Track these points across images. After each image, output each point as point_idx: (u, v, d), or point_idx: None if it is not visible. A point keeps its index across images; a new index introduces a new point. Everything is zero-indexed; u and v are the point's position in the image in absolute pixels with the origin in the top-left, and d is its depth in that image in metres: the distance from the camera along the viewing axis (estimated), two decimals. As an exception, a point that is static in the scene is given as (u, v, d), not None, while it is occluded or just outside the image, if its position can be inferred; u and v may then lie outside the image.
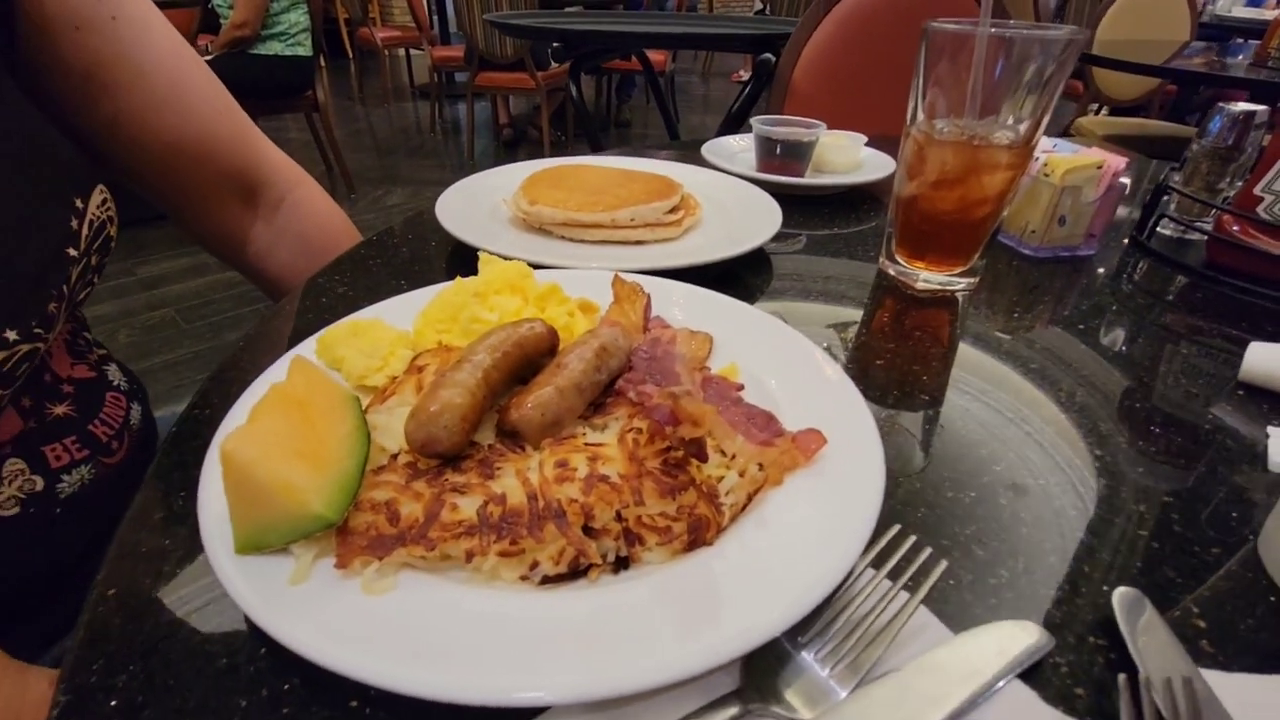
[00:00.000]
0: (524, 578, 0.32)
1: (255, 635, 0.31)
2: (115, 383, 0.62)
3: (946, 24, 0.58)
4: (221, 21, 3.31)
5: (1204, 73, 2.02)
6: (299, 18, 3.43)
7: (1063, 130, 3.63)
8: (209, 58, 3.27)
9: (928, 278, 0.68)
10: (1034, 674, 0.30)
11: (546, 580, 0.32)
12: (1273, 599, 0.35)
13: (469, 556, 0.31)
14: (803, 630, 0.31)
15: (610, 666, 0.27)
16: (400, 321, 0.50)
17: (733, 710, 0.27)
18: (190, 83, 0.66)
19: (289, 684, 0.29)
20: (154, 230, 3.22)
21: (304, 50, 3.50)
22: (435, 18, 7.61)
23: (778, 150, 0.94)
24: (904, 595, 0.31)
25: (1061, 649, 0.31)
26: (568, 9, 5.06)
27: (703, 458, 0.35)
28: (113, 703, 0.28)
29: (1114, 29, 3.55)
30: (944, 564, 0.32)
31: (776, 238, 0.73)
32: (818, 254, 0.78)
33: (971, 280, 0.68)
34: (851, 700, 0.28)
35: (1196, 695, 0.28)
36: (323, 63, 3.82)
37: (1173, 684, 0.28)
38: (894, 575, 0.32)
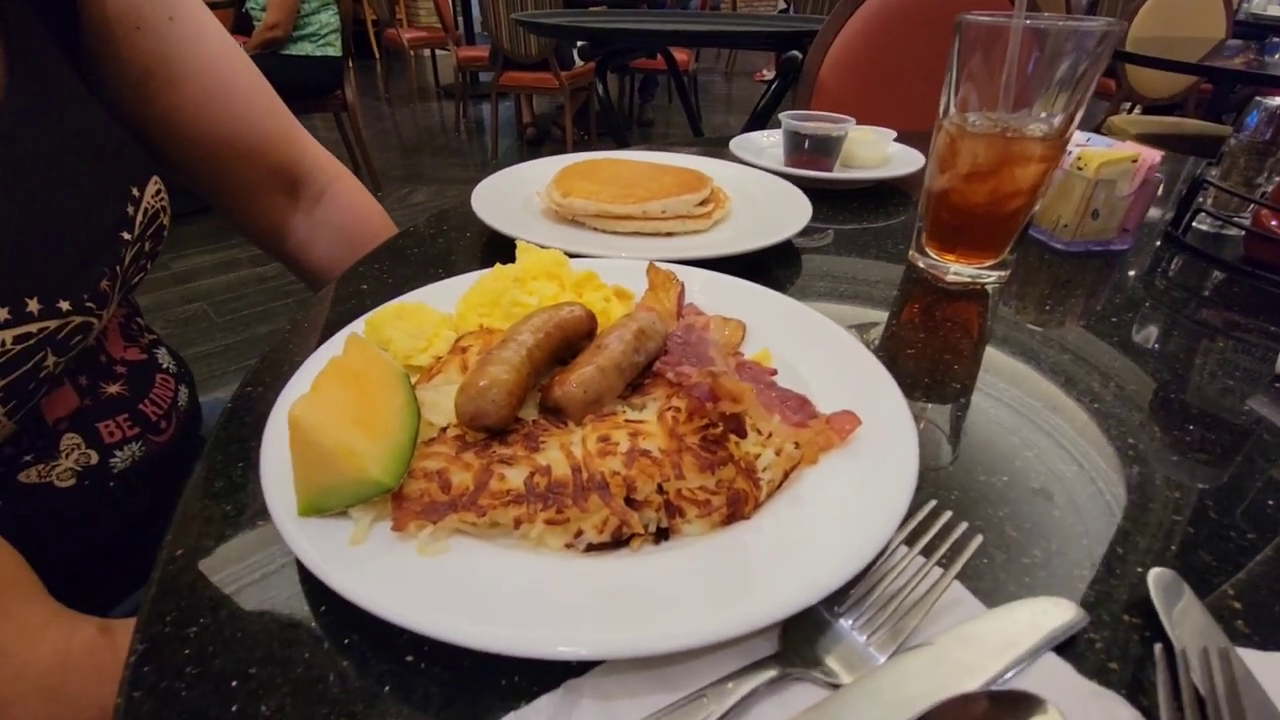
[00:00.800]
0: (569, 545, 0.33)
1: (315, 593, 0.33)
2: (165, 365, 0.65)
3: (981, 16, 0.58)
4: (255, 23, 3.39)
5: (1241, 70, 1.98)
6: (329, 19, 3.49)
7: (1095, 128, 3.57)
8: (242, 58, 3.34)
9: (958, 270, 0.68)
10: (1068, 648, 0.31)
11: (591, 548, 0.33)
12: (1310, 584, 0.35)
13: (517, 524, 0.33)
14: (840, 601, 0.32)
15: (650, 627, 0.28)
16: (443, 305, 0.51)
17: (772, 673, 0.28)
18: (240, 82, 0.69)
19: (349, 639, 0.31)
20: (186, 225, 3.30)
21: (334, 50, 3.57)
22: (460, 18, 7.69)
23: (806, 145, 0.95)
24: (939, 569, 0.32)
25: (1096, 625, 0.32)
26: (593, 8, 5.09)
27: (742, 433, 0.36)
28: (185, 651, 0.30)
29: (1147, 27, 3.48)
30: (979, 538, 0.33)
31: (805, 232, 0.74)
32: (846, 248, 0.79)
33: (1002, 273, 0.68)
34: (889, 666, 0.29)
35: (1233, 669, 0.28)
36: (350, 63, 3.89)
37: (1209, 657, 0.28)
38: (929, 550, 0.33)
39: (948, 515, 0.35)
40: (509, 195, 0.81)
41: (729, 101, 6.61)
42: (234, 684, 0.29)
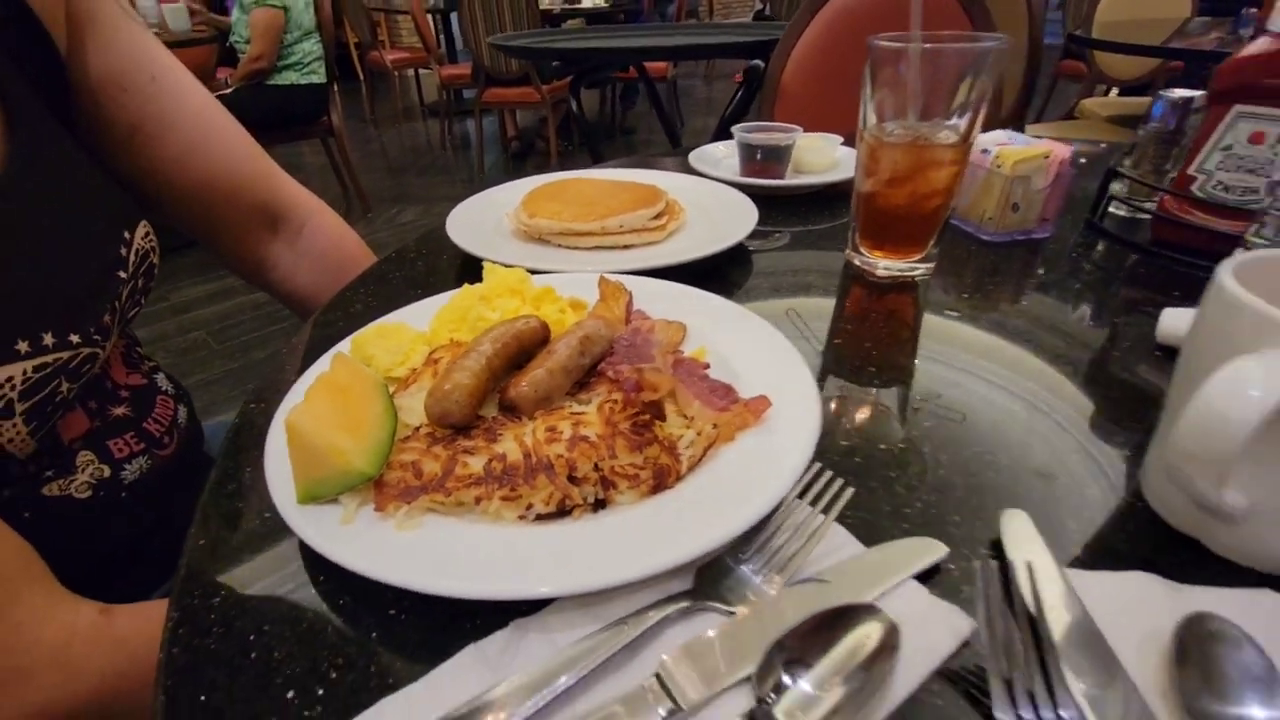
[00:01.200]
0: (521, 516, 0.40)
1: (314, 565, 0.40)
2: (164, 388, 0.72)
3: (884, 39, 0.65)
4: (239, 55, 3.47)
5: (1185, 49, 2.06)
6: (312, 47, 3.57)
7: (1067, 112, 3.64)
8: (229, 90, 3.43)
9: (888, 265, 0.75)
10: (931, 577, 0.38)
11: (539, 518, 0.40)
12: (1148, 518, 0.42)
13: (478, 501, 0.40)
14: (744, 549, 0.39)
15: (584, 572, 0.35)
16: (419, 323, 0.59)
17: (683, 604, 0.35)
18: (218, 131, 0.76)
19: (342, 600, 0.38)
20: (180, 258, 3.38)
21: (318, 78, 3.65)
22: (442, 37, 7.79)
23: (758, 155, 1.02)
24: (821, 516, 0.39)
25: (955, 557, 0.39)
26: (568, 23, 5.17)
27: (661, 417, 0.43)
28: (211, 616, 0.37)
29: (1114, 10, 3.56)
30: (850, 490, 0.40)
31: (759, 235, 0.81)
32: (795, 248, 0.86)
33: (928, 266, 0.75)
34: (776, 597, 0.36)
35: (1062, 583, 0.35)
36: (336, 88, 3.98)
37: (1034, 573, 0.35)
38: (815, 502, 0.40)
39: (829, 475, 0.42)
40: (483, 218, 0.88)
41: (709, 104, 6.70)
42: (251, 638, 0.36)
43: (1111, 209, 0.87)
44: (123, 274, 0.61)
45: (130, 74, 0.67)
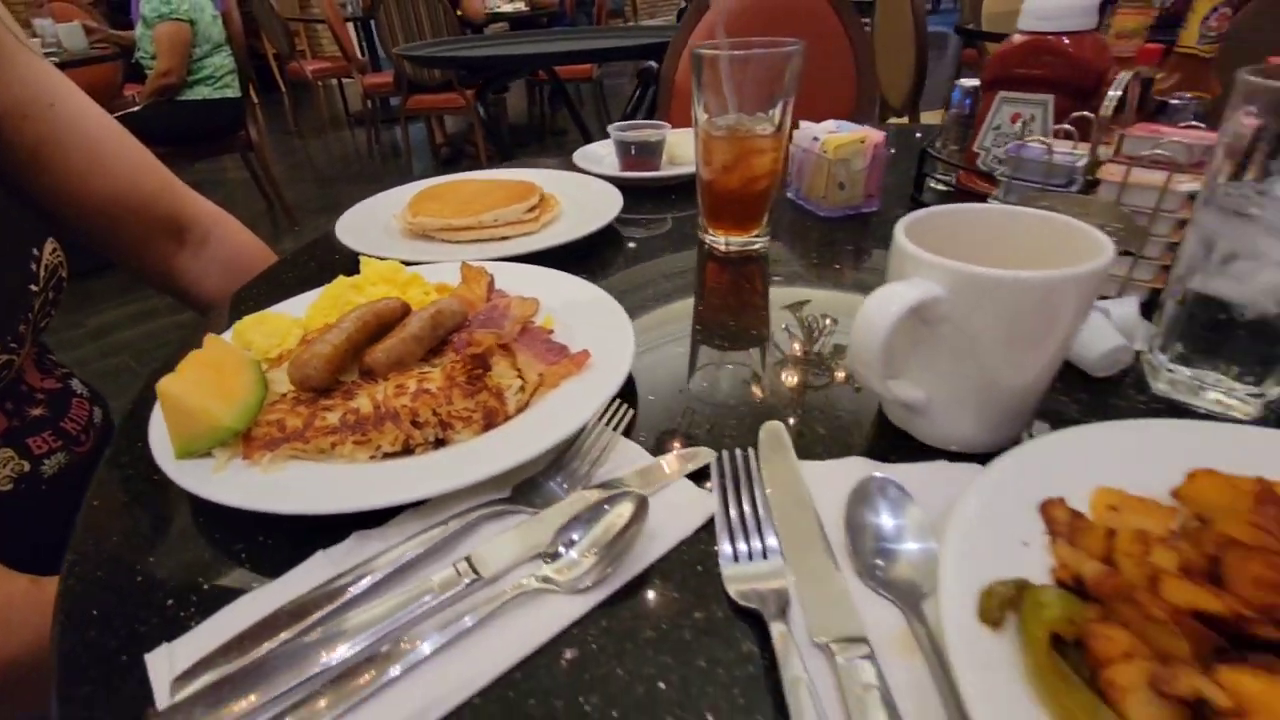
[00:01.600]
0: (372, 456, 0.48)
1: (194, 508, 0.47)
2: (79, 391, 0.77)
3: (703, 48, 0.76)
4: (146, 72, 3.38)
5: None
6: (223, 60, 3.51)
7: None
8: (137, 108, 3.35)
9: (729, 241, 0.86)
10: (702, 475, 0.48)
11: (387, 456, 0.48)
12: (882, 421, 0.53)
13: (333, 446, 0.48)
14: (555, 468, 0.48)
15: (417, 483, 0.44)
16: (299, 313, 0.66)
17: (500, 507, 0.44)
18: (118, 149, 0.82)
19: (218, 534, 0.45)
20: (95, 282, 3.29)
21: (231, 92, 3.58)
22: (364, 45, 7.67)
23: (632, 150, 1.12)
24: (611, 433, 0.49)
25: (720, 460, 0.49)
26: (490, 28, 5.19)
27: (486, 368, 0.53)
28: (103, 555, 0.44)
29: (1001, 2, 3.82)
30: (632, 412, 0.50)
31: (638, 223, 0.91)
32: (663, 230, 0.96)
33: (766, 239, 0.86)
34: (575, 498, 0.45)
35: (776, 465, 0.45)
36: (255, 99, 3.90)
37: (771, 461, 0.46)
38: (618, 429, 0.50)
39: (626, 406, 0.51)
40: (373, 220, 0.95)
41: (639, 103, 6.81)
42: (137, 566, 0.43)
43: (931, 184, 1.01)
44: (34, 287, 0.67)
45: (30, 102, 0.72)
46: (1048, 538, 0.35)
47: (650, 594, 0.40)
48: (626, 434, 0.51)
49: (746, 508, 0.43)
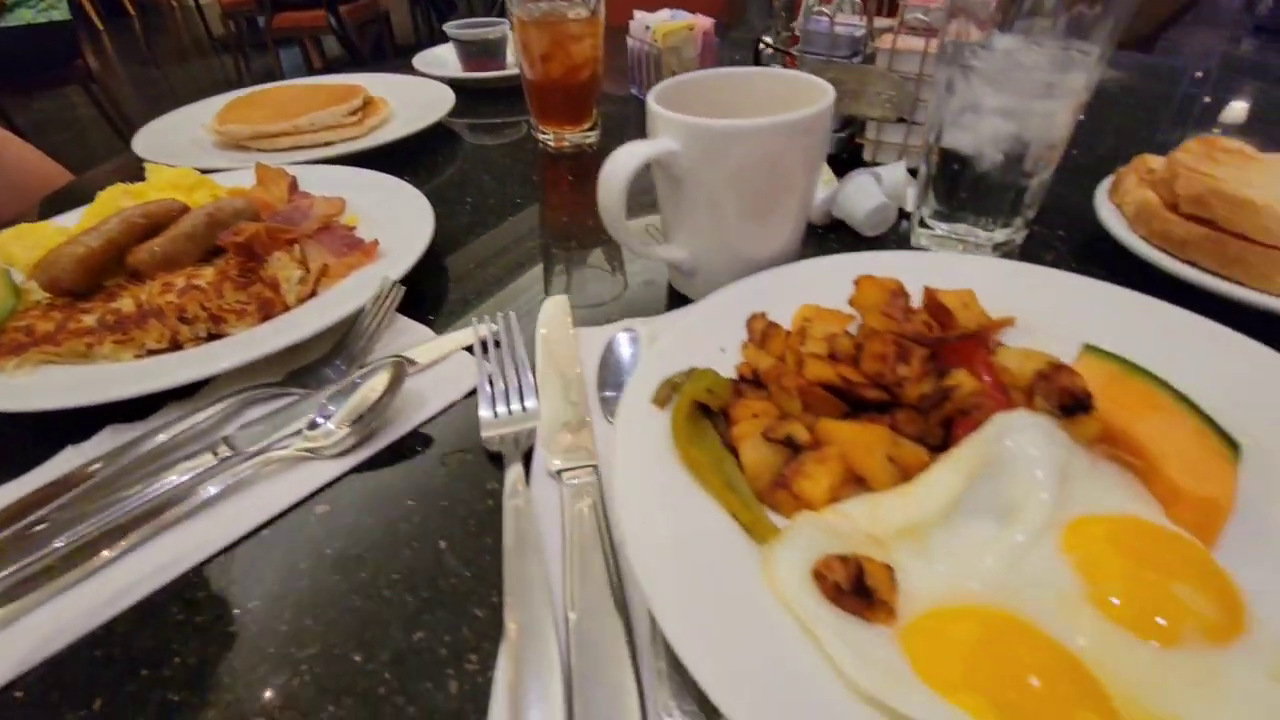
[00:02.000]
0: (138, 355, 0.47)
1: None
2: None
3: (502, -77, 0.72)
4: (-54, -10, 2.91)
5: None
6: (44, -23, 3.06)
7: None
8: (-58, 34, 2.90)
9: (560, 136, 0.85)
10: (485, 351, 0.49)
11: (153, 353, 0.47)
12: (671, 292, 0.55)
13: (90, 347, 0.46)
14: (336, 354, 0.48)
15: (179, 371, 0.43)
16: (72, 225, 0.62)
17: (269, 391, 0.45)
18: None
19: (-30, 442, 0.44)
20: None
21: (59, 14, 3.15)
22: (221, -43, 6.82)
23: (472, 50, 1.07)
24: (390, 314, 0.50)
25: (479, 325, 0.50)
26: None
27: (254, 258, 0.51)
28: None
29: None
30: (402, 289, 0.50)
31: (479, 128, 0.88)
32: (507, 133, 0.94)
33: (596, 134, 0.86)
34: (346, 376, 0.46)
35: (554, 335, 0.47)
36: (100, 24, 3.44)
37: (547, 330, 0.48)
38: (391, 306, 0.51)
39: (392, 280, 0.52)
40: (180, 131, 0.88)
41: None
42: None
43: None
44: None
45: None
46: (744, 344, 0.39)
47: (411, 453, 0.42)
48: (430, 318, 0.52)
49: (509, 370, 0.45)
